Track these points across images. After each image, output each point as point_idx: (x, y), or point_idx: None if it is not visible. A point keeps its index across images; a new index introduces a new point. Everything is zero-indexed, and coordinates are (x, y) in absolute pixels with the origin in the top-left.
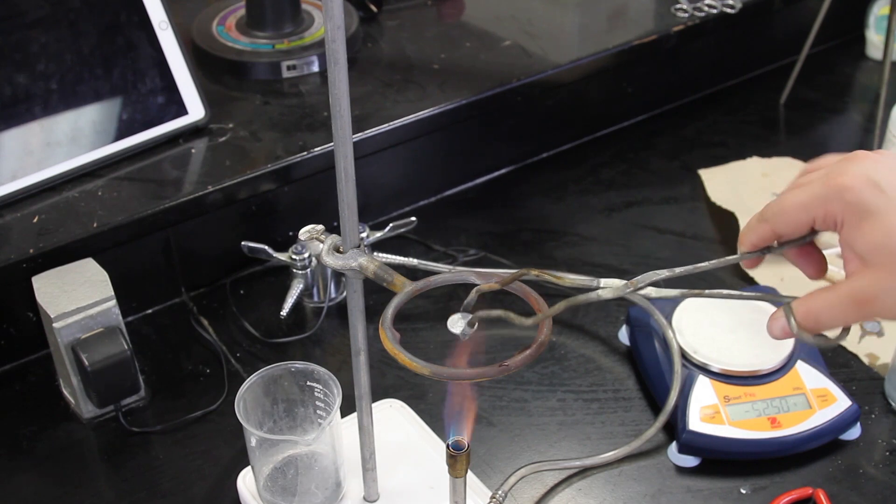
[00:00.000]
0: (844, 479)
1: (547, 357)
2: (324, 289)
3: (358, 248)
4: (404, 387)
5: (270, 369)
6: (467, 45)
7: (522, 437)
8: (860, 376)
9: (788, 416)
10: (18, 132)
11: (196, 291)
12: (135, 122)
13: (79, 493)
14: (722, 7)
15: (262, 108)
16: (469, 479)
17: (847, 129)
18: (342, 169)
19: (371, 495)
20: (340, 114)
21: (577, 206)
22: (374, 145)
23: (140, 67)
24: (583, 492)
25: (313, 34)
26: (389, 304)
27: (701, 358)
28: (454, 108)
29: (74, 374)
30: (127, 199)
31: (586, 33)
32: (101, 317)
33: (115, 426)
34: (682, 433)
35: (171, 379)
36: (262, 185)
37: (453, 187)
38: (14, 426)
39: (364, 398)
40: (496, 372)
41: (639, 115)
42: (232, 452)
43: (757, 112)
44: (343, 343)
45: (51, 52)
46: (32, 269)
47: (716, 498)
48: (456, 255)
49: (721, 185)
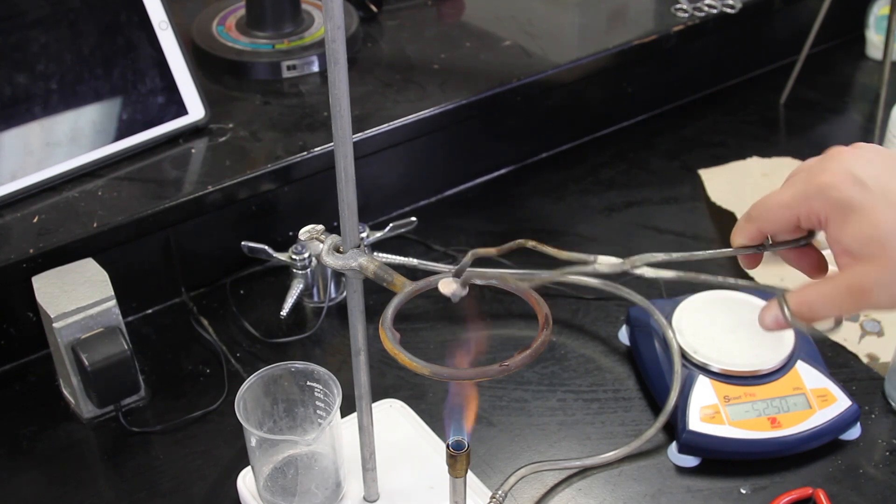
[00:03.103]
0: (844, 479)
1: (547, 357)
2: (324, 289)
3: (358, 248)
4: (404, 387)
5: (270, 369)
6: (467, 45)
7: (522, 437)
8: (860, 376)
9: (788, 416)
10: (18, 132)
11: (196, 291)
12: (135, 122)
13: (79, 493)
14: (722, 7)
15: (262, 108)
16: (469, 479)
17: (847, 129)
18: (342, 169)
19: (371, 495)
20: (340, 114)
21: (577, 206)
22: (374, 145)
23: (140, 67)
24: (583, 492)
25: (313, 34)
26: (389, 304)
27: (701, 358)
28: (454, 108)
29: (74, 374)
30: (127, 199)
31: (586, 33)
32: (101, 317)
33: (115, 426)
34: (682, 433)
35: (171, 379)
36: (262, 185)
37: (453, 187)
38: (14, 426)
39: (364, 398)
40: (496, 372)
41: (639, 115)
42: (232, 452)
43: (757, 112)
44: (343, 343)
45: (51, 52)
46: (32, 269)
47: (716, 498)
48: (456, 255)
49: (721, 185)
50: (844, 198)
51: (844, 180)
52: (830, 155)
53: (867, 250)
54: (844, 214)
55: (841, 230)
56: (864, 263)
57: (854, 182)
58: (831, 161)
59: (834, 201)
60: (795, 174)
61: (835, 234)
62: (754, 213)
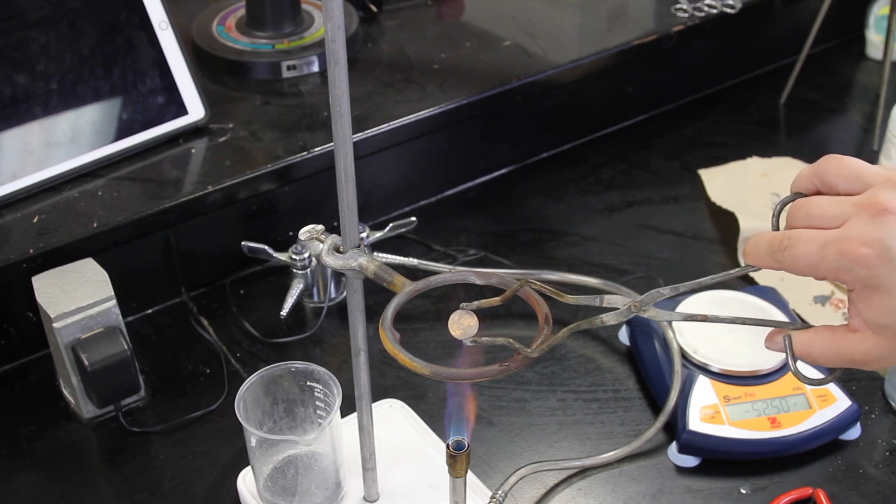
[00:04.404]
0: (844, 479)
1: (547, 357)
2: (324, 289)
3: (358, 248)
4: (404, 387)
5: (270, 369)
6: (467, 45)
7: (522, 437)
8: (860, 376)
9: (788, 416)
10: (18, 132)
11: (196, 291)
12: (135, 122)
13: (79, 493)
14: (722, 7)
15: (262, 108)
16: (469, 479)
17: (847, 129)
18: (342, 169)
19: (371, 495)
20: (340, 114)
21: (577, 206)
22: (374, 145)
23: (140, 67)
24: (583, 492)
25: (313, 34)
26: (389, 304)
27: (701, 358)
28: (454, 108)
29: (74, 374)
30: (127, 199)
31: (586, 33)
32: (101, 317)
33: (115, 426)
34: (682, 433)
35: (171, 379)
36: (262, 185)
37: (453, 187)
38: (14, 426)
39: (364, 398)
40: (496, 372)
41: (639, 115)
42: (232, 452)
43: (757, 112)
44: (343, 343)
45: (51, 52)
46: (32, 269)
47: (716, 498)
48: (456, 255)
49: (721, 185)
50: (873, 277)
51: (878, 257)
52: (873, 209)
53: (882, 331)
54: (870, 292)
55: (863, 304)
56: (875, 338)
57: (887, 261)
58: (872, 226)
59: (862, 279)
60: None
61: (857, 302)
62: (780, 256)
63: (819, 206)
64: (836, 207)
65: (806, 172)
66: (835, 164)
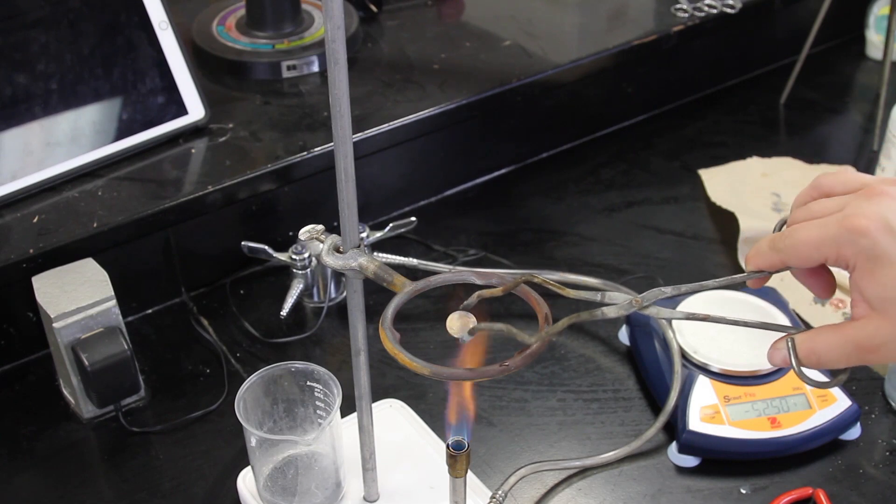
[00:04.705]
0: (844, 479)
1: (547, 357)
2: (324, 289)
3: (358, 248)
4: (404, 387)
5: (270, 369)
6: (467, 45)
7: (522, 437)
8: (860, 376)
9: (788, 416)
10: (18, 132)
11: (196, 291)
12: (135, 122)
13: (79, 493)
14: (722, 7)
15: (262, 108)
16: (469, 479)
17: (847, 129)
18: (342, 169)
19: (371, 495)
20: (340, 114)
21: (577, 206)
22: (374, 145)
23: (140, 67)
24: (583, 492)
25: (313, 34)
26: (389, 304)
27: (701, 358)
28: (454, 108)
29: (74, 374)
30: (127, 199)
31: (586, 33)
32: (101, 317)
33: (115, 426)
34: (682, 433)
35: (171, 379)
36: (262, 185)
37: (453, 187)
38: (14, 426)
39: (364, 398)
40: (496, 372)
41: (639, 115)
42: (232, 452)
43: (757, 112)
44: (343, 343)
45: (51, 52)
46: (32, 269)
47: (716, 498)
48: (456, 255)
49: (721, 185)
50: (875, 248)
51: (880, 229)
52: (871, 193)
53: (885, 306)
54: (873, 265)
55: (866, 280)
56: (879, 318)
57: (888, 231)
58: (871, 202)
59: (864, 249)
60: (827, 205)
61: (859, 281)
62: (781, 244)
63: (819, 203)
64: (835, 201)
65: (805, 190)
66: (832, 176)
